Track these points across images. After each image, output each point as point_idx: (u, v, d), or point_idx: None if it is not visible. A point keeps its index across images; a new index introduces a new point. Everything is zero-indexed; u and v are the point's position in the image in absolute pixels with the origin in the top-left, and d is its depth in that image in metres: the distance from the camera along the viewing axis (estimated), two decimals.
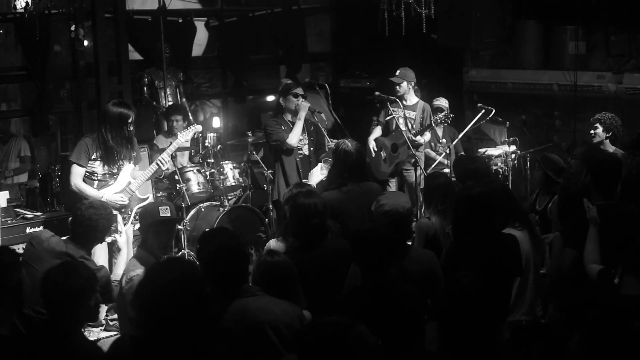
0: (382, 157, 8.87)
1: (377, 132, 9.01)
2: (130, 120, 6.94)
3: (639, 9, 9.42)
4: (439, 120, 8.76)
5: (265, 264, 4.41)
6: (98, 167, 6.97)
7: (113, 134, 6.90)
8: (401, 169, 8.94)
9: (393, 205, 5.02)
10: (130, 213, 7.07)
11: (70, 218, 6.01)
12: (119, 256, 6.41)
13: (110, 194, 6.92)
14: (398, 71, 8.97)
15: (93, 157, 6.94)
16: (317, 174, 7.02)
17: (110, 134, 6.89)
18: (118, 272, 5.83)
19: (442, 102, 9.49)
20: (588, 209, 5.07)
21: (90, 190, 6.89)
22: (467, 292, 3.57)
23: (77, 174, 6.92)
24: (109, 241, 6.39)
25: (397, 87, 8.91)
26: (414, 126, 8.77)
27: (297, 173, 7.82)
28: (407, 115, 8.78)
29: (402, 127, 8.59)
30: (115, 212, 6.65)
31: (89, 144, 6.93)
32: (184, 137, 7.55)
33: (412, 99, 8.99)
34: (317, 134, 8.10)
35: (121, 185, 7.03)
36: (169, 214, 5.40)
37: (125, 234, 6.62)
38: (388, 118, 8.74)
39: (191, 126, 7.80)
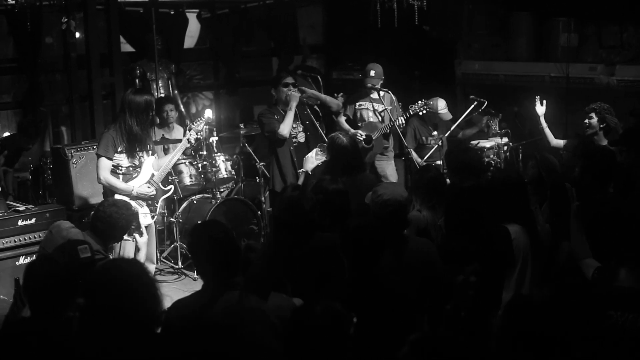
0: None
1: (344, 123, 8.84)
2: (154, 106, 6.94)
3: (631, 0, 9.44)
4: (417, 109, 8.44)
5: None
6: (123, 160, 6.89)
7: (139, 121, 6.80)
8: (373, 160, 8.74)
9: (391, 195, 5.01)
10: (156, 205, 7.05)
11: (92, 212, 6.07)
12: (137, 255, 6.35)
13: (139, 186, 6.89)
14: (373, 71, 8.61)
15: (119, 149, 6.85)
16: (312, 160, 7.01)
17: (135, 122, 6.79)
18: None
19: (443, 110, 9.09)
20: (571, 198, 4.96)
21: (119, 184, 6.82)
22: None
23: (105, 167, 6.82)
24: (130, 240, 6.34)
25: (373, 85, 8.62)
26: (384, 119, 8.62)
27: (291, 162, 7.80)
28: (375, 108, 8.68)
29: (372, 120, 8.57)
30: (140, 209, 6.74)
31: (114, 136, 6.83)
32: (196, 128, 7.42)
33: (375, 93, 8.63)
34: (310, 119, 8.08)
35: (145, 177, 6.97)
36: (89, 254, 4.96)
37: (146, 234, 6.58)
38: (382, 108, 8.66)
39: (201, 117, 7.64)
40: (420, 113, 8.61)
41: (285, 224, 4.98)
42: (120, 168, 6.90)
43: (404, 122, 8.43)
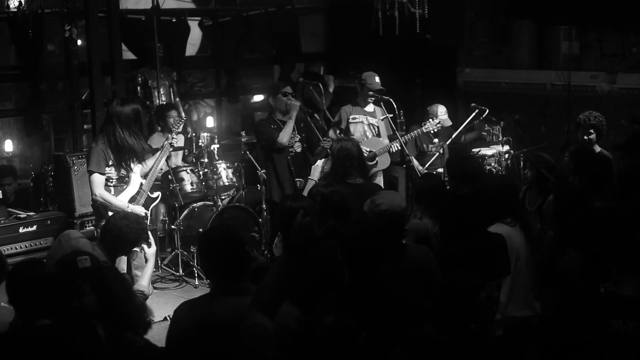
0: None
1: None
2: (141, 112, 6.87)
3: (632, 8, 9.45)
4: (430, 128, 8.38)
5: None
6: (112, 172, 6.77)
7: (130, 132, 6.70)
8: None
9: (389, 204, 5.01)
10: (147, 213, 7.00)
11: (102, 224, 6.05)
12: (146, 267, 6.28)
13: (129, 201, 6.76)
14: (377, 77, 8.46)
15: (110, 162, 6.74)
16: (320, 169, 7.03)
17: (128, 133, 6.68)
18: (143, 283, 5.71)
19: (443, 115, 8.96)
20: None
21: (114, 200, 6.67)
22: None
23: (99, 183, 6.67)
24: (138, 250, 6.29)
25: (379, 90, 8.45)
26: (379, 132, 8.44)
27: (289, 171, 7.82)
28: (370, 122, 8.46)
29: (369, 135, 8.45)
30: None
31: (104, 149, 6.69)
32: (176, 130, 7.27)
33: (370, 105, 8.47)
34: (308, 130, 8.10)
35: (135, 187, 6.86)
36: (88, 264, 4.86)
37: (154, 245, 6.49)
38: (380, 121, 8.56)
39: (180, 119, 7.57)
40: (434, 130, 8.56)
41: (298, 248, 4.99)
42: (111, 181, 6.77)
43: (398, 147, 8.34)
